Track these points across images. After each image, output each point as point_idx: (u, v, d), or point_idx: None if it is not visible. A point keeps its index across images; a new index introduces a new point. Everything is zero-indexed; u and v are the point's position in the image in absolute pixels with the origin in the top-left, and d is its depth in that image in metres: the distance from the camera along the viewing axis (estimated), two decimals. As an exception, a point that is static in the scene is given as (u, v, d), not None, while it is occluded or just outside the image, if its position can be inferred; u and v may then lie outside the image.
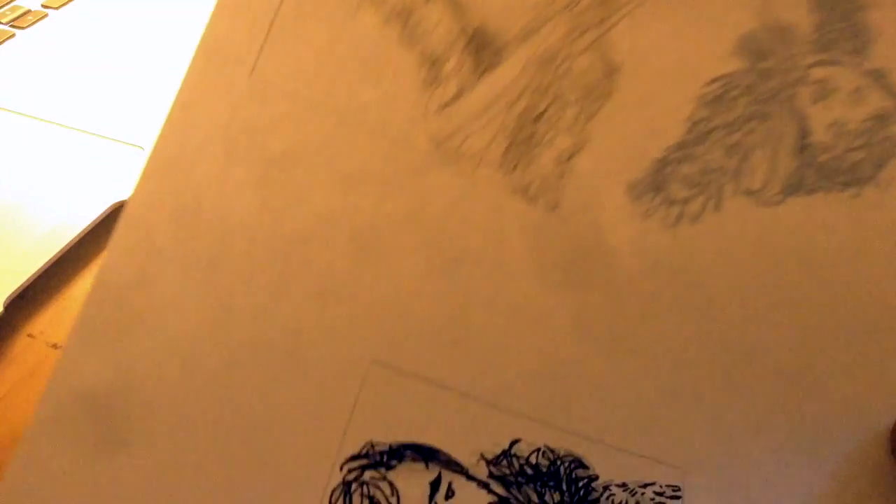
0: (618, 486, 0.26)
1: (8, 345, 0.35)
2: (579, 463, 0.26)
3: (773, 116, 0.26)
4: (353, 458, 0.25)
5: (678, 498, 0.26)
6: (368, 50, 0.26)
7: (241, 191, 0.26)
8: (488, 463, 0.26)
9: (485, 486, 0.26)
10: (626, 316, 0.27)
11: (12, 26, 0.56)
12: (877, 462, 0.27)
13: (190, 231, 0.26)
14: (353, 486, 0.25)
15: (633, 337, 0.27)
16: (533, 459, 0.26)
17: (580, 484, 0.26)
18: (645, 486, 0.26)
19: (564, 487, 0.26)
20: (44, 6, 0.58)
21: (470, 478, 0.26)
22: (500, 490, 0.26)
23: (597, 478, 0.26)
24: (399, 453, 0.25)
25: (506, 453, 0.26)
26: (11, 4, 0.58)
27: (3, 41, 0.54)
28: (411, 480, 0.25)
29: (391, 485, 0.25)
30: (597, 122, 0.26)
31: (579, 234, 0.26)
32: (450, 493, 0.25)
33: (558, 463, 0.26)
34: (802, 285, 0.26)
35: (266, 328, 0.26)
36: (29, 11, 0.57)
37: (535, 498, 0.26)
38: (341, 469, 0.25)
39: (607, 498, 0.26)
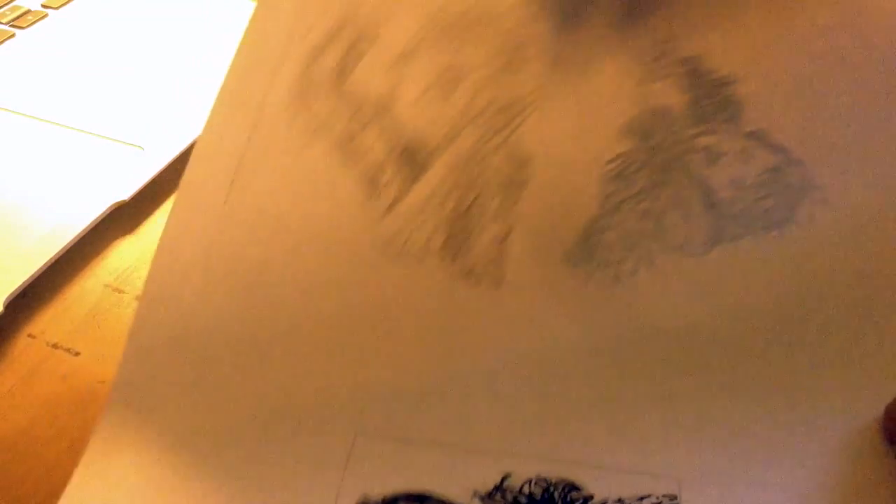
0: (615, 501, 0.26)
1: (8, 345, 0.35)
2: (573, 486, 0.26)
3: (672, 183, 0.28)
4: None
5: None
6: (319, 173, 0.29)
7: (224, 302, 0.29)
8: (482, 498, 0.26)
9: None
10: (595, 359, 0.29)
11: (12, 26, 0.56)
12: (870, 453, 0.27)
13: (183, 350, 0.29)
14: None
15: (613, 377, 0.28)
16: (526, 490, 0.26)
17: None
18: (641, 498, 0.26)
19: None
20: (44, 6, 0.58)
21: None
22: None
23: (592, 497, 0.26)
24: (393, 502, 0.26)
25: (498, 488, 0.26)
26: (11, 4, 0.58)
27: (3, 41, 0.54)
28: None
29: None
30: (520, 207, 0.29)
31: (527, 305, 0.29)
32: None
33: (552, 489, 0.26)
34: (740, 318, 0.28)
35: (255, 420, 0.28)
36: (29, 11, 0.57)
37: None
38: None
39: None
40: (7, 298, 0.35)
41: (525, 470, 0.27)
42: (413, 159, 0.29)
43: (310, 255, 0.29)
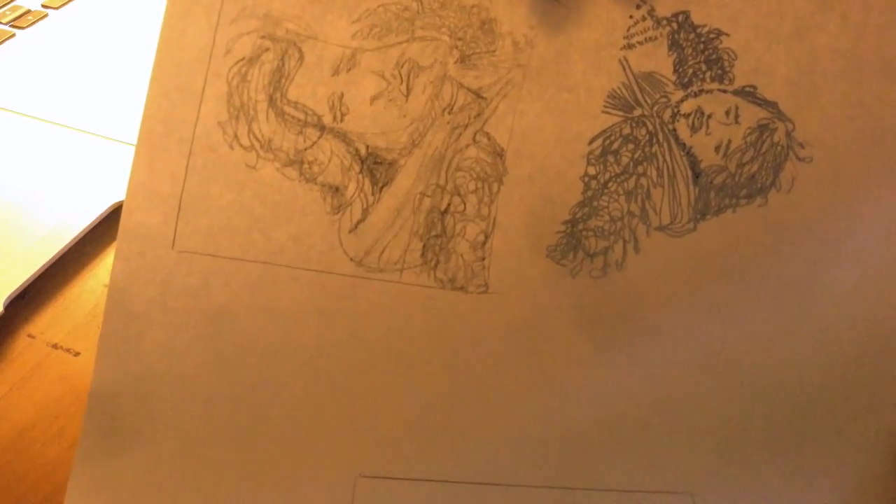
0: None
1: (8, 345, 0.35)
2: None
3: (658, 156, 0.28)
4: None
5: None
6: (274, 195, 0.27)
7: (190, 352, 0.27)
8: None
9: None
10: (590, 368, 0.28)
11: (12, 26, 0.56)
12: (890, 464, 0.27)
13: (151, 403, 0.27)
14: None
15: (612, 385, 0.28)
16: None
17: None
18: None
19: None
20: (44, 6, 0.58)
21: None
22: None
23: None
24: None
25: None
26: (11, 4, 0.58)
27: (3, 41, 0.54)
28: None
29: None
30: (499, 203, 0.28)
31: (516, 309, 0.28)
32: None
33: None
34: (733, 293, 0.28)
35: (245, 475, 0.27)
36: (29, 11, 0.57)
37: None
38: None
39: None
40: (7, 298, 0.35)
41: (536, 500, 0.26)
42: (377, 168, 0.27)
43: (278, 286, 0.27)
